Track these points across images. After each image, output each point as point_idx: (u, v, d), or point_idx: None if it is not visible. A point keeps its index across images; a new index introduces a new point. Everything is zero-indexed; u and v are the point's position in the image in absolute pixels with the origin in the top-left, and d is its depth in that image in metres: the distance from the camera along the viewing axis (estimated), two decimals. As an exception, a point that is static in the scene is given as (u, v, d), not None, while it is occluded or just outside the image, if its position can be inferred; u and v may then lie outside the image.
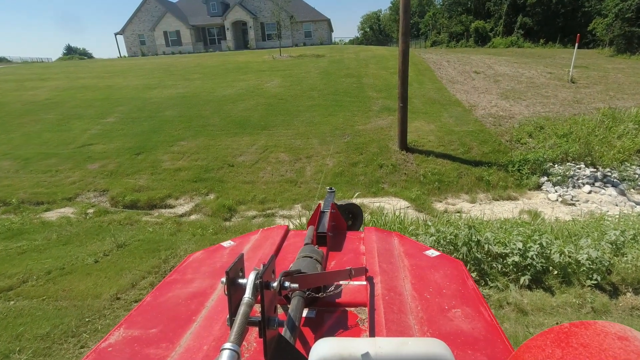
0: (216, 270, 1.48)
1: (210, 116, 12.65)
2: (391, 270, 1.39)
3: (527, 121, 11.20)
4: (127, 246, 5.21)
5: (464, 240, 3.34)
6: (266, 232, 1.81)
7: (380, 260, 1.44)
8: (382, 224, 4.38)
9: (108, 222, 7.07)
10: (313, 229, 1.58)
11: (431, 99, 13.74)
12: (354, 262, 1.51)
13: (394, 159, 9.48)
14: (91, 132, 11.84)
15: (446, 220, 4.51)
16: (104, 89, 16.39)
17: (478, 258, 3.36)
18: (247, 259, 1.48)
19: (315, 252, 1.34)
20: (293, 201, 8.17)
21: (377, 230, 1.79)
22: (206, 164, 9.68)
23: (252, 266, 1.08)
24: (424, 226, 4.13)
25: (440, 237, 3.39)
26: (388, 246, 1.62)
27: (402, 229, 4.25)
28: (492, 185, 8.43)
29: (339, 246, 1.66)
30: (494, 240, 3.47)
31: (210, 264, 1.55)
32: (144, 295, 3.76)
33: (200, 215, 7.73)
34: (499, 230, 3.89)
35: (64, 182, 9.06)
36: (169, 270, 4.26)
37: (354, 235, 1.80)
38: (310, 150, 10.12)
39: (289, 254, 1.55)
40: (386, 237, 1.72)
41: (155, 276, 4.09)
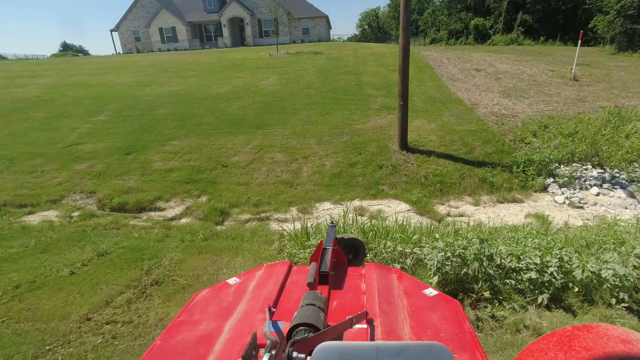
0: (222, 311, 1.49)
1: (204, 114, 12.26)
2: (391, 311, 1.42)
3: (531, 120, 10.87)
4: (109, 254, 4.84)
5: (475, 254, 3.00)
6: (270, 267, 1.84)
7: (380, 301, 1.48)
8: (382, 234, 4.03)
9: (93, 226, 6.70)
10: (315, 267, 1.61)
11: (432, 97, 13.39)
12: (355, 302, 1.52)
13: (393, 159, 9.13)
14: (80, 131, 11.43)
15: (453, 229, 4.16)
16: (95, 87, 15.95)
17: (490, 274, 3.03)
18: (251, 298, 1.53)
19: (318, 298, 1.35)
20: (289, 204, 7.82)
21: (377, 267, 1.81)
22: (199, 165, 9.31)
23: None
24: (430, 237, 3.78)
25: (449, 250, 3.04)
26: (388, 284, 1.65)
27: (406, 239, 3.91)
28: (496, 187, 8.10)
29: (340, 284, 1.67)
30: (507, 253, 3.13)
31: (217, 303, 1.56)
32: (118, 315, 3.40)
33: (191, 219, 7.37)
34: (510, 240, 3.55)
35: (50, 184, 8.67)
36: (150, 284, 3.90)
37: (355, 271, 1.79)
38: (307, 150, 9.76)
39: (293, 293, 1.59)
40: (386, 275, 1.74)
41: (134, 291, 3.72)
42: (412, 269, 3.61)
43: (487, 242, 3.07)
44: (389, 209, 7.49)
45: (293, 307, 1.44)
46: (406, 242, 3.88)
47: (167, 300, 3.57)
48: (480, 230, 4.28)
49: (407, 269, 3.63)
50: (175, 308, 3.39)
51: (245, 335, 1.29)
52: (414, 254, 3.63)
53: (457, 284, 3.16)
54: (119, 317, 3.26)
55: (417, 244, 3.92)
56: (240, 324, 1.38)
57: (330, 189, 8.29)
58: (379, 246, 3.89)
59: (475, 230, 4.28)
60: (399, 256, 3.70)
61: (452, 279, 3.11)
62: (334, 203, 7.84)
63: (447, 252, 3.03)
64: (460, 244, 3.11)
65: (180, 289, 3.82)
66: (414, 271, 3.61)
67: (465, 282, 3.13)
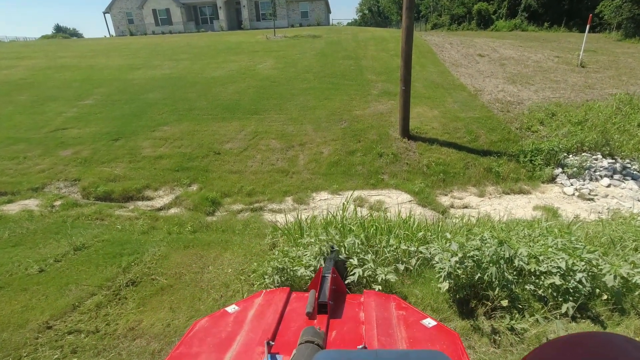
0: (222, 342, 1.47)
1: (197, 99, 11.74)
2: (389, 344, 1.42)
3: (538, 107, 10.42)
4: (87, 249, 4.45)
5: (492, 258, 2.62)
6: (269, 295, 1.81)
7: (379, 332, 1.46)
8: (384, 230, 3.63)
9: (75, 216, 6.30)
10: (314, 295, 1.60)
11: (434, 83, 12.89)
12: (354, 332, 1.50)
13: (394, 147, 8.71)
14: (66, 115, 10.91)
15: (462, 225, 3.77)
16: (84, 69, 15.31)
17: (509, 279, 2.66)
18: (250, 329, 1.51)
19: (317, 335, 1.33)
20: (284, 193, 7.42)
21: (375, 295, 1.79)
22: (190, 152, 8.86)
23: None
24: (438, 234, 3.39)
25: (461, 251, 2.65)
26: (386, 314, 1.63)
27: (410, 236, 3.52)
28: (502, 177, 7.72)
29: (339, 313, 1.66)
30: (529, 256, 2.75)
31: (215, 333, 1.53)
32: (84, 322, 3.03)
33: (180, 209, 6.97)
34: (526, 239, 3.17)
35: (32, 170, 8.22)
36: (125, 284, 3.53)
37: (353, 299, 1.77)
38: (304, 137, 9.32)
39: (292, 323, 1.57)
40: (384, 303, 1.73)
41: (106, 293, 3.33)
42: (417, 271, 3.25)
43: (507, 244, 2.69)
44: (390, 200, 7.12)
45: (292, 338, 1.43)
46: (411, 240, 3.51)
47: (142, 305, 3.19)
48: (492, 226, 3.90)
49: (412, 270, 3.27)
50: (149, 315, 3.02)
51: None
52: (420, 254, 3.26)
53: (470, 289, 2.80)
54: (85, 325, 2.88)
55: (423, 241, 3.55)
56: (239, 357, 1.36)
57: (327, 178, 7.90)
58: (381, 244, 3.52)
59: (486, 226, 3.90)
60: (402, 255, 3.33)
61: (464, 283, 2.75)
62: (332, 193, 7.45)
63: (459, 253, 2.64)
64: (474, 245, 2.73)
65: (158, 291, 3.44)
66: (420, 272, 3.25)
67: (479, 288, 2.77)
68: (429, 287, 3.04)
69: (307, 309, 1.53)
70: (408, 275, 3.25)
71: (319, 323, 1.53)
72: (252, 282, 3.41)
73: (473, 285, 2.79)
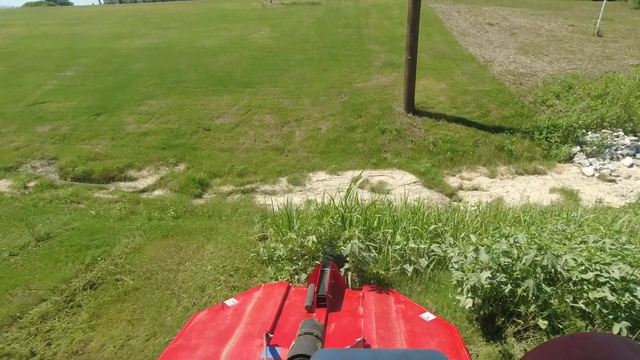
0: (220, 335, 1.45)
1: (186, 71, 10.94)
2: (388, 337, 1.40)
3: (553, 79, 9.66)
4: (51, 239, 3.93)
5: (529, 267, 2.07)
6: (268, 288, 1.77)
7: (377, 326, 1.45)
8: (387, 223, 3.07)
9: (49, 199, 5.75)
10: (313, 289, 1.59)
11: (441, 53, 12.02)
12: (353, 326, 1.48)
13: (398, 123, 8.05)
14: (45, 88, 10.16)
15: (479, 216, 3.21)
16: (66, 38, 14.33)
17: (547, 292, 2.12)
18: (249, 322, 1.49)
19: (315, 326, 1.32)
20: (278, 173, 6.85)
21: (375, 289, 1.75)
22: (178, 128, 8.21)
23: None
24: (458, 237, 2.81)
25: (493, 256, 2.09)
26: (385, 308, 1.60)
27: (421, 231, 2.95)
28: (515, 156, 7.12)
29: (338, 306, 1.63)
30: (578, 266, 2.19)
31: (214, 326, 1.51)
32: (20, 342, 2.53)
33: (165, 191, 6.42)
34: (561, 236, 2.62)
35: (6, 148, 7.61)
36: (83, 287, 3.01)
37: (353, 294, 1.74)
38: (301, 111, 8.64)
39: (291, 316, 1.54)
40: (384, 298, 1.68)
41: (57, 299, 2.78)
42: (430, 274, 2.72)
43: (548, 250, 2.12)
44: (393, 181, 6.56)
45: (291, 331, 1.42)
46: (420, 235, 2.97)
47: (96, 316, 2.67)
48: (515, 219, 3.32)
49: (422, 271, 2.75)
50: (102, 331, 2.50)
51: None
52: (433, 254, 2.73)
53: (496, 302, 2.27)
54: (19, 346, 2.35)
55: (435, 237, 3.02)
56: (238, 349, 1.34)
57: (325, 157, 7.30)
58: (385, 238, 2.98)
59: (505, 216, 3.34)
60: (411, 253, 2.80)
61: (489, 295, 2.22)
62: (330, 173, 6.88)
63: (492, 264, 2.08)
64: (501, 249, 2.17)
65: (120, 296, 2.90)
66: (432, 277, 2.73)
67: (508, 302, 2.24)
68: (444, 296, 2.53)
69: (306, 303, 1.52)
70: (418, 278, 2.73)
71: (318, 316, 1.50)
72: (233, 285, 2.90)
73: (501, 299, 2.27)
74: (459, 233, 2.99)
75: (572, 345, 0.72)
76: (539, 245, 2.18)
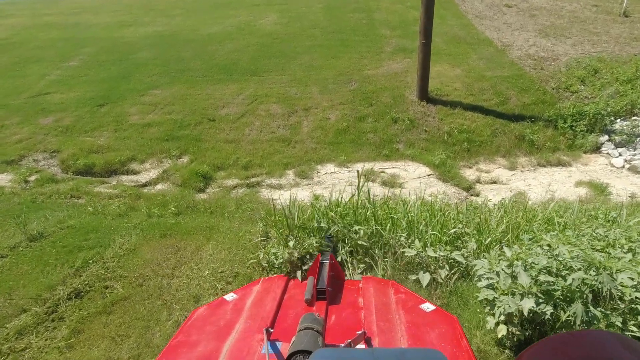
0: (220, 330, 1.44)
1: (191, 59, 10.62)
2: (388, 329, 1.40)
3: (577, 63, 9.07)
4: (44, 239, 3.73)
5: (577, 288, 1.74)
6: (267, 282, 1.75)
7: (377, 318, 1.45)
8: (401, 226, 2.74)
9: (48, 194, 5.58)
10: (313, 281, 1.58)
11: (456, 37, 11.43)
12: (353, 318, 1.49)
13: (411, 111, 7.64)
14: (49, 78, 9.98)
15: (504, 216, 2.85)
16: (70, 28, 14.12)
17: (596, 317, 1.79)
18: (249, 317, 1.48)
19: (315, 321, 1.30)
20: (284, 166, 6.56)
21: (374, 280, 1.73)
22: (182, 118, 7.95)
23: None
24: (482, 244, 2.46)
25: (533, 276, 1.73)
26: (385, 299, 1.59)
27: (440, 236, 2.61)
28: (536, 146, 6.68)
29: (337, 299, 1.62)
30: (637, 285, 1.85)
31: (214, 322, 1.49)
32: None
33: (167, 185, 6.20)
34: (603, 243, 2.27)
35: (8, 141, 7.47)
36: (68, 296, 2.79)
37: (352, 285, 1.72)
38: (309, 100, 8.28)
39: (291, 310, 1.54)
40: (383, 288, 1.67)
41: (39, 310, 2.50)
42: (452, 286, 2.39)
43: (604, 270, 1.78)
44: (406, 174, 6.20)
45: (291, 325, 1.41)
46: (439, 240, 2.63)
47: (76, 333, 2.42)
48: (546, 220, 2.94)
49: (442, 282, 2.43)
50: (81, 350, 2.25)
51: (244, 357, 1.27)
52: (454, 262, 2.41)
53: (532, 325, 1.94)
54: None
55: (454, 241, 2.69)
56: (238, 345, 1.33)
57: (334, 148, 6.97)
58: (398, 241, 2.66)
59: (537, 217, 2.98)
60: (429, 261, 2.48)
61: (524, 319, 1.89)
62: (339, 165, 6.56)
63: (534, 288, 1.73)
64: (543, 265, 1.83)
65: (107, 307, 2.64)
66: (454, 289, 2.41)
67: (547, 325, 1.91)
68: (469, 313, 2.21)
69: (306, 296, 1.52)
70: (437, 291, 2.42)
71: (318, 309, 1.49)
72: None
73: (540, 322, 1.94)
74: (483, 237, 2.65)
75: (571, 342, 0.73)
76: (588, 261, 1.83)
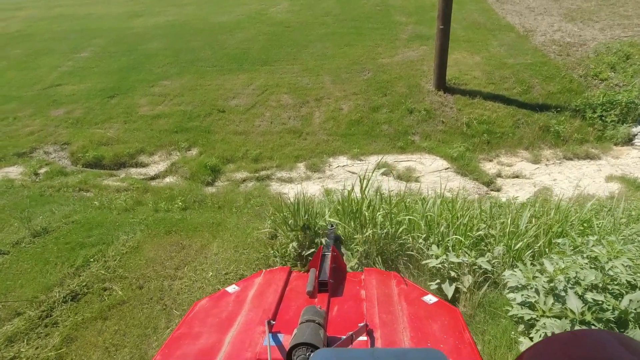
0: (222, 322, 1.45)
1: (201, 49, 10.44)
2: (390, 321, 1.40)
3: (606, 49, 8.51)
4: (48, 234, 3.64)
5: (630, 310, 1.49)
6: (269, 274, 1.75)
7: (380, 310, 1.45)
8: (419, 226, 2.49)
9: (57, 187, 5.52)
10: (315, 273, 1.58)
11: (475, 23, 10.91)
12: (355, 310, 1.49)
13: (427, 101, 7.30)
14: (61, 70, 9.97)
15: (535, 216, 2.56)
16: (82, 19, 14.11)
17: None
18: (251, 309, 1.49)
19: (317, 314, 1.30)
20: (295, 159, 6.36)
21: (376, 272, 1.74)
22: (191, 110, 7.81)
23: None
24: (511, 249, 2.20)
25: (580, 292, 1.48)
26: (387, 290, 1.60)
27: (464, 241, 2.34)
28: (562, 138, 6.28)
29: (339, 291, 1.63)
30: None
31: (216, 314, 1.50)
32: None
33: (176, 178, 6.08)
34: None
35: (20, 133, 7.47)
36: (63, 298, 2.67)
37: (354, 277, 1.72)
38: (320, 90, 8.01)
39: (292, 302, 1.54)
40: (385, 280, 1.67)
41: (33, 314, 2.35)
42: (479, 299, 2.14)
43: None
44: (422, 167, 5.92)
45: (293, 317, 1.41)
46: (462, 244, 2.38)
47: (69, 341, 2.26)
48: (583, 223, 2.63)
49: (466, 291, 2.19)
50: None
51: (246, 349, 1.27)
52: (479, 269, 2.16)
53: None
54: None
55: (478, 243, 2.44)
56: (240, 337, 1.34)
57: (347, 140, 6.73)
58: (414, 243, 2.42)
59: (571, 218, 2.67)
60: (450, 268, 2.23)
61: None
62: (352, 158, 6.32)
63: (587, 315, 1.48)
64: (590, 282, 1.57)
65: (103, 312, 2.46)
66: (481, 302, 2.15)
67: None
68: (497, 329, 1.97)
69: (308, 288, 1.52)
70: (462, 302, 2.18)
71: (320, 302, 1.49)
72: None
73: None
74: (512, 241, 2.39)
75: (572, 342, 0.70)
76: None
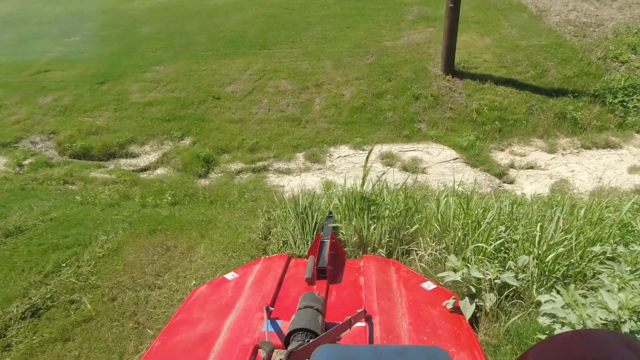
0: (221, 308, 1.45)
1: (196, 32, 9.96)
2: (389, 308, 1.40)
3: (626, 29, 7.99)
4: (21, 234, 3.34)
5: None
6: (268, 261, 1.75)
7: (378, 297, 1.45)
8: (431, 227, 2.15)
9: (41, 180, 5.21)
10: (313, 260, 1.58)
11: (484, 3, 10.33)
12: (354, 297, 1.49)
13: (435, 87, 6.86)
14: (51, 55, 9.56)
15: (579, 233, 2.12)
16: (75, 1, 13.59)
17: None
18: (250, 295, 1.49)
19: (316, 300, 1.29)
20: (294, 148, 6.00)
21: (375, 259, 1.75)
22: (185, 96, 7.42)
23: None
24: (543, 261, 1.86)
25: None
26: (386, 277, 1.59)
27: (484, 249, 1.99)
28: (580, 125, 5.86)
29: (338, 278, 1.63)
30: None
31: (215, 300, 1.51)
32: None
33: (167, 169, 5.75)
34: None
35: (6, 122, 7.13)
36: (22, 314, 2.35)
37: (353, 264, 1.73)
38: (321, 75, 7.58)
39: (291, 289, 1.55)
40: (384, 267, 1.67)
41: None
42: (505, 324, 1.80)
43: None
44: (429, 157, 5.54)
45: (292, 304, 1.41)
46: (482, 252, 2.03)
47: None
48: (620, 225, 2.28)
49: (488, 312, 1.85)
50: None
51: (244, 335, 1.27)
52: (502, 283, 1.82)
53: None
54: None
55: (497, 251, 2.09)
56: (239, 323, 1.34)
57: (349, 128, 6.34)
58: (425, 247, 2.08)
59: (604, 219, 2.32)
60: (469, 283, 1.89)
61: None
62: (354, 147, 5.95)
63: None
64: None
65: (66, 331, 2.11)
66: (509, 329, 1.79)
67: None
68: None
69: (306, 275, 1.51)
70: (483, 325, 1.85)
71: (319, 288, 1.48)
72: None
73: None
74: (540, 250, 2.03)
75: (575, 341, 0.69)
76: None
